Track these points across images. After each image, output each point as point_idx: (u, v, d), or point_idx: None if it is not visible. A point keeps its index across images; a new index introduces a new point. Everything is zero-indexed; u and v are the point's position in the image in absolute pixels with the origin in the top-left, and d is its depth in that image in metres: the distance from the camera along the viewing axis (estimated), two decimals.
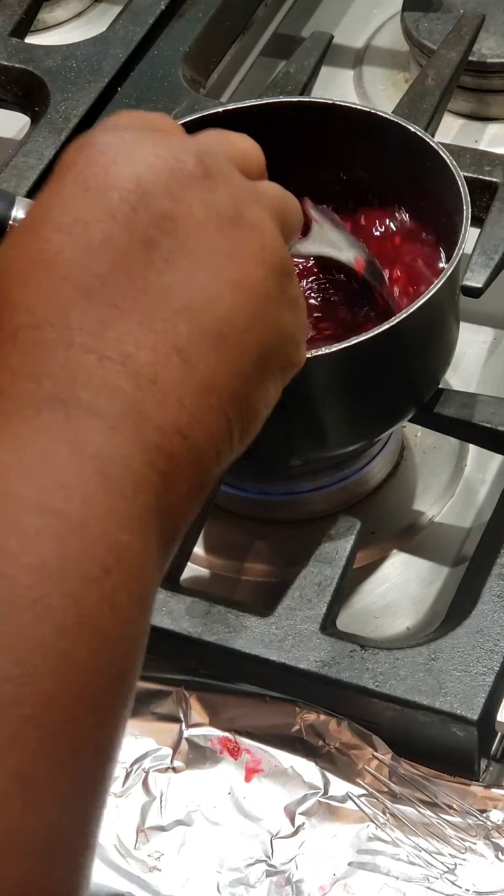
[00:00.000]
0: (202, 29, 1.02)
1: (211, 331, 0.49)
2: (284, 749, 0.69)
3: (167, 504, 0.46)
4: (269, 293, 0.51)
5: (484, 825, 0.66)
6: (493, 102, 1.04)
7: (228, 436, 0.50)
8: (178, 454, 0.47)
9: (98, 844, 0.66)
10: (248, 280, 0.51)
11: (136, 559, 0.44)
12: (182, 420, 0.47)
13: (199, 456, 0.48)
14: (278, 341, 0.52)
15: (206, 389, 0.48)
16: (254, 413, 0.52)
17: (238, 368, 0.50)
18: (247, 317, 0.50)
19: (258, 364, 0.51)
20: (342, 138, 0.80)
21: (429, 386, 0.76)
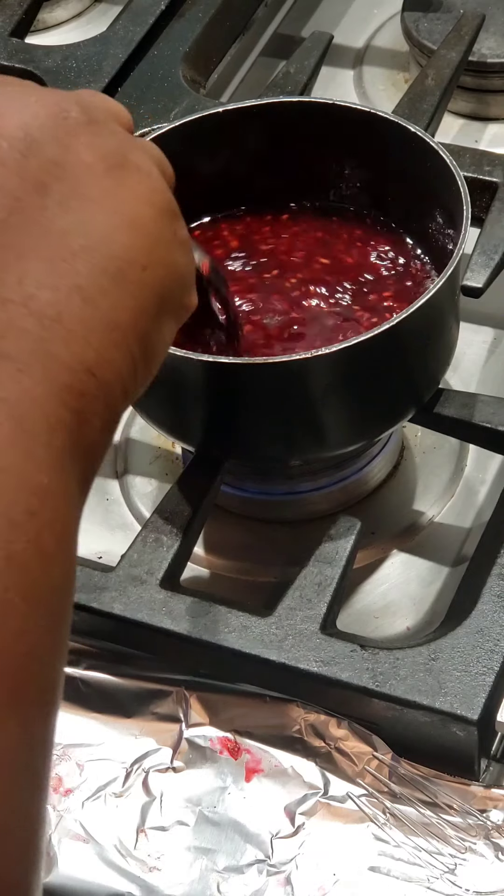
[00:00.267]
0: (202, 29, 1.02)
1: (110, 268, 0.49)
2: (284, 749, 0.69)
3: (81, 443, 0.46)
4: (161, 233, 0.53)
5: (484, 825, 0.66)
6: (493, 102, 1.04)
7: (133, 373, 0.50)
8: (88, 392, 0.47)
9: (98, 845, 0.67)
10: (142, 220, 0.52)
11: (58, 500, 0.44)
12: (89, 358, 0.47)
13: (108, 393, 0.48)
14: (174, 281, 0.53)
15: (109, 326, 0.49)
16: (154, 352, 0.52)
17: (140, 305, 0.50)
18: (144, 255, 0.51)
19: (157, 303, 0.52)
20: (342, 138, 0.80)
21: (429, 386, 0.76)
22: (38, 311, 0.46)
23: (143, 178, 0.53)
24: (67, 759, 0.70)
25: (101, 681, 0.72)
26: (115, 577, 0.72)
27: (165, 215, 0.53)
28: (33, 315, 0.46)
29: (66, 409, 0.46)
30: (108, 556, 0.81)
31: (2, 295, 0.46)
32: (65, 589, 0.44)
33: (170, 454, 0.87)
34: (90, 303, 0.48)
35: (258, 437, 0.75)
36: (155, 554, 0.73)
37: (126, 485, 0.86)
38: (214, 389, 0.72)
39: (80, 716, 0.71)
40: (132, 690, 0.71)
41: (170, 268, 0.53)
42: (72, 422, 0.46)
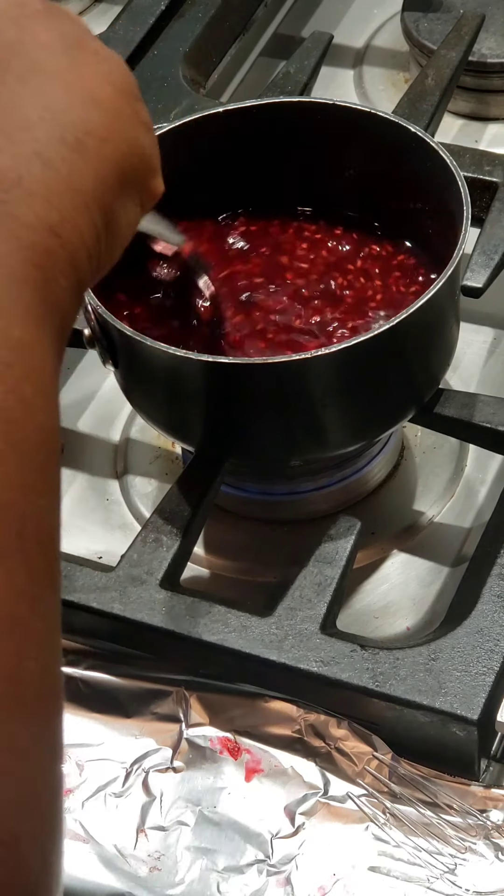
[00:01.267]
0: (202, 29, 1.02)
1: (69, 138, 0.50)
2: (284, 749, 0.69)
3: (50, 299, 0.47)
4: (121, 109, 0.53)
5: (484, 825, 0.66)
6: (493, 102, 1.04)
7: (97, 242, 0.51)
8: (52, 250, 0.48)
9: (98, 844, 0.67)
10: (100, 95, 0.52)
11: (33, 352, 0.45)
12: (52, 218, 0.48)
13: (72, 253, 0.49)
14: (137, 159, 0.54)
15: (71, 191, 0.49)
16: (118, 228, 0.53)
17: (100, 175, 0.51)
18: (103, 128, 0.52)
19: (119, 176, 0.52)
20: (342, 138, 0.80)
21: (429, 386, 0.76)
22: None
23: (102, 60, 0.54)
24: (67, 759, 0.70)
25: (101, 681, 0.72)
26: (115, 577, 0.72)
27: (125, 94, 0.54)
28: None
29: (32, 266, 0.46)
30: (108, 556, 0.81)
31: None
32: (52, 434, 0.46)
33: (170, 454, 0.87)
34: (50, 167, 0.49)
35: (258, 438, 0.75)
36: (155, 554, 0.73)
37: (126, 485, 0.86)
38: (214, 389, 0.72)
39: (80, 716, 0.71)
40: (132, 690, 0.71)
41: (131, 144, 0.53)
42: (38, 278, 0.47)
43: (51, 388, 0.46)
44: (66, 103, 0.51)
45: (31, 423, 0.44)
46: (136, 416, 0.87)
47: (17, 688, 0.40)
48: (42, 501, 0.44)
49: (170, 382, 0.73)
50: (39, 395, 0.45)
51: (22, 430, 0.43)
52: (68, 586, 0.72)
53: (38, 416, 0.44)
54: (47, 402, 0.45)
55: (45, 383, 0.45)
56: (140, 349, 0.71)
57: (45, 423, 0.45)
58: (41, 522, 0.44)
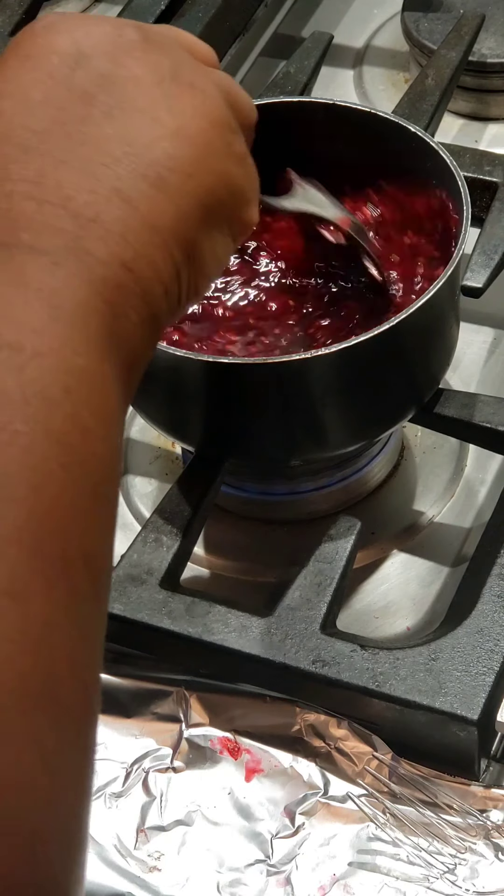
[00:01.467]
0: (202, 29, 1.02)
1: (151, 174, 0.50)
2: (284, 749, 0.69)
3: (118, 332, 0.47)
4: (211, 143, 0.53)
5: (484, 825, 0.66)
6: (493, 102, 1.04)
7: (176, 277, 0.51)
8: (124, 285, 0.48)
9: (98, 844, 0.67)
10: (189, 129, 0.52)
11: (95, 380, 0.45)
12: (126, 254, 0.48)
13: (146, 289, 0.49)
14: (226, 192, 0.53)
15: (148, 228, 0.49)
16: (202, 262, 0.53)
17: (182, 212, 0.51)
18: (189, 163, 0.51)
19: (203, 211, 0.52)
20: (342, 138, 0.80)
21: (429, 386, 0.76)
22: (76, 212, 0.47)
23: (197, 93, 0.53)
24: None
25: (102, 681, 0.72)
26: (115, 577, 0.72)
27: (217, 128, 0.53)
28: (70, 215, 0.47)
29: (101, 300, 0.47)
30: None
31: (40, 197, 0.47)
32: (109, 462, 0.45)
33: (170, 454, 0.87)
34: (129, 205, 0.49)
35: (258, 437, 0.75)
36: (155, 554, 0.73)
37: (126, 485, 0.86)
38: (214, 389, 0.72)
39: None
40: (132, 690, 0.71)
41: (219, 178, 0.53)
42: (107, 312, 0.47)
43: (112, 418, 0.46)
44: (151, 139, 0.50)
45: (86, 449, 0.44)
46: (136, 416, 0.87)
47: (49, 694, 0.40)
48: (91, 525, 0.44)
49: (170, 382, 0.73)
50: (99, 423, 0.45)
51: (76, 454, 0.43)
52: None
53: (95, 444, 0.44)
54: (107, 430, 0.45)
55: (107, 412, 0.46)
56: None
57: (101, 452, 0.45)
58: (87, 544, 0.43)
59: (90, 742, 0.43)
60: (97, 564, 0.44)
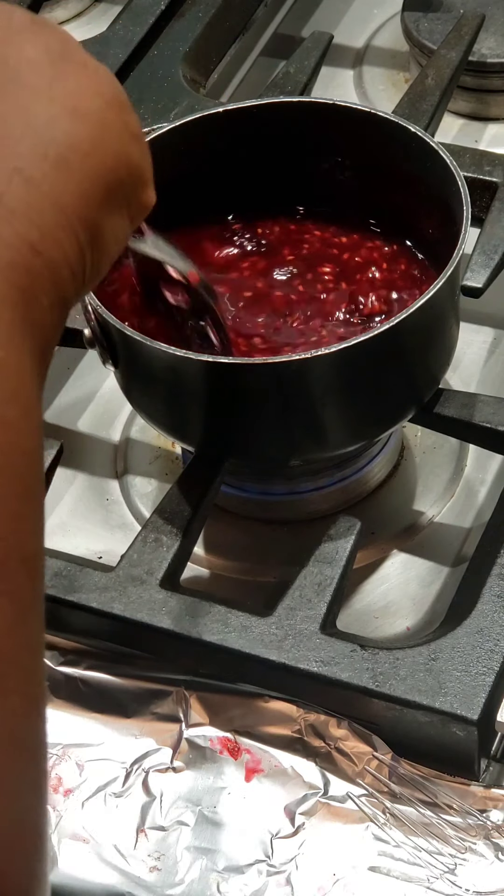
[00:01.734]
0: (202, 29, 1.02)
1: (51, 153, 0.49)
2: (284, 749, 0.69)
3: (31, 319, 0.46)
4: (108, 122, 0.52)
5: (484, 825, 0.66)
6: (493, 102, 1.04)
7: (81, 258, 0.50)
8: (33, 269, 0.47)
9: (98, 844, 0.66)
10: (86, 108, 0.51)
11: (15, 374, 0.44)
12: (33, 235, 0.47)
13: (54, 272, 0.48)
14: (124, 171, 0.53)
15: (53, 207, 0.48)
16: (104, 243, 0.52)
17: (84, 190, 0.50)
18: (88, 142, 0.51)
19: (104, 190, 0.51)
20: (342, 138, 0.80)
21: (429, 386, 0.76)
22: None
23: (90, 72, 0.52)
24: (67, 759, 0.70)
25: (101, 681, 0.72)
26: (115, 577, 0.72)
27: (114, 106, 0.53)
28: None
29: (12, 287, 0.46)
30: (108, 556, 0.81)
31: None
32: (36, 457, 0.44)
33: (170, 454, 0.87)
34: (32, 184, 0.48)
35: (258, 438, 0.75)
36: (155, 554, 0.73)
37: (126, 485, 0.86)
38: (214, 389, 0.72)
39: (80, 716, 0.71)
40: (132, 690, 0.71)
41: (119, 157, 0.52)
42: (18, 298, 0.46)
43: (34, 411, 0.45)
44: (50, 118, 0.50)
45: (14, 448, 0.43)
46: (136, 416, 0.87)
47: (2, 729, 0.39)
48: (27, 527, 0.43)
49: (170, 382, 0.73)
50: (23, 418, 0.44)
51: (5, 455, 0.42)
52: (68, 586, 0.72)
53: (22, 441, 0.43)
54: (31, 425, 0.44)
55: (29, 406, 0.44)
56: (140, 349, 0.71)
57: (29, 447, 0.44)
58: (26, 549, 0.42)
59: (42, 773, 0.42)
60: (35, 568, 0.43)
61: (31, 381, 0.45)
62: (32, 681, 0.41)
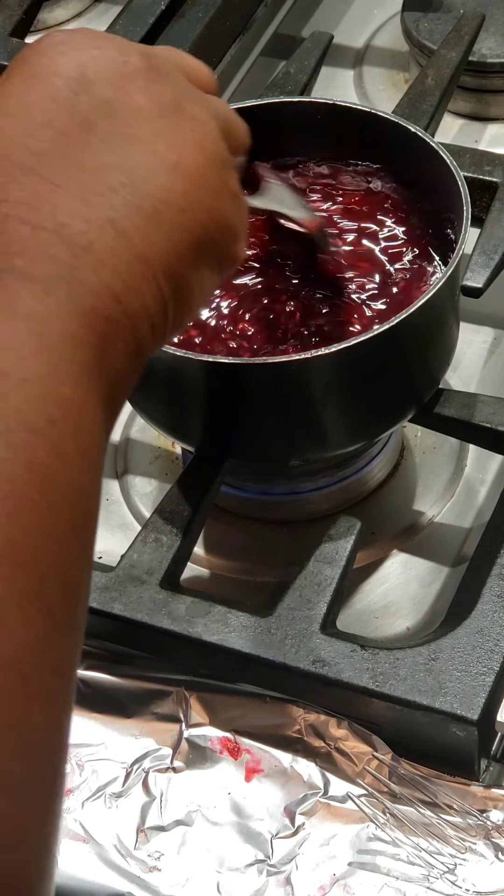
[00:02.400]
0: (202, 29, 1.02)
1: (146, 207, 0.50)
2: (284, 749, 0.69)
3: (105, 364, 0.47)
4: (207, 179, 0.53)
5: (484, 825, 0.66)
6: (493, 102, 1.04)
7: (163, 310, 0.51)
8: (113, 317, 0.48)
9: (98, 844, 0.67)
10: (186, 163, 0.52)
11: (80, 412, 0.45)
12: (116, 286, 0.48)
13: (134, 321, 0.49)
14: (217, 228, 0.54)
15: (140, 260, 0.49)
16: (189, 295, 0.53)
17: (173, 246, 0.51)
18: (183, 198, 0.51)
19: (194, 246, 0.52)
20: (342, 138, 0.80)
21: (429, 386, 0.76)
22: (69, 240, 0.47)
23: (196, 126, 0.53)
24: (67, 759, 0.70)
25: (101, 681, 0.72)
26: (115, 577, 0.72)
27: (213, 163, 0.53)
28: (64, 243, 0.47)
29: (90, 331, 0.47)
30: (108, 556, 0.81)
31: (35, 222, 0.47)
32: (89, 493, 0.45)
33: (170, 454, 0.87)
34: (123, 236, 0.49)
35: (258, 438, 0.75)
36: (155, 554, 0.73)
37: (126, 485, 0.86)
38: (214, 389, 0.72)
39: (80, 716, 0.71)
40: (132, 690, 0.71)
41: (212, 214, 0.53)
42: (96, 343, 0.47)
43: (95, 449, 0.46)
44: (149, 171, 0.51)
45: (68, 480, 0.44)
46: (136, 416, 0.87)
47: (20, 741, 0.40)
48: (70, 555, 0.44)
49: (170, 382, 0.73)
50: (81, 455, 0.45)
51: (58, 485, 0.43)
52: None
53: (77, 476, 0.44)
54: (89, 462, 0.45)
55: (90, 444, 0.46)
56: None
57: (82, 483, 0.45)
58: (67, 575, 0.43)
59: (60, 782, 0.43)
60: (74, 595, 0.44)
61: (96, 422, 0.46)
62: (55, 699, 0.42)
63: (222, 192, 0.54)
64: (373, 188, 0.81)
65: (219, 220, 0.53)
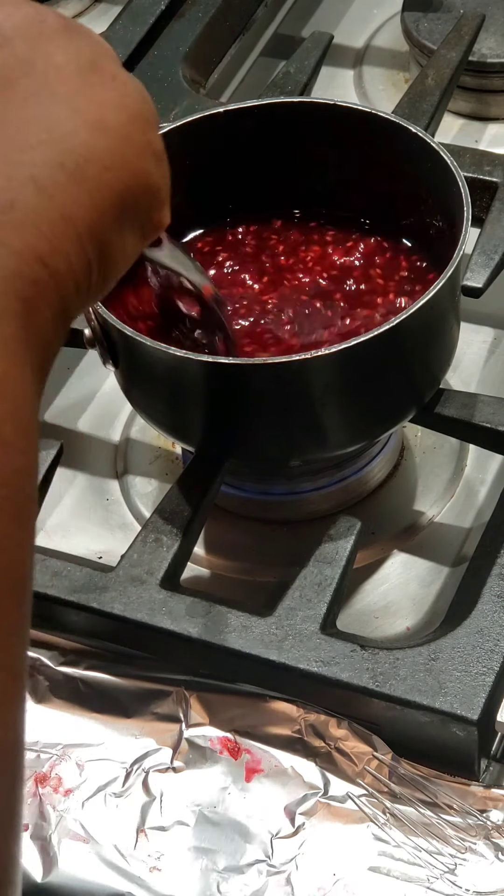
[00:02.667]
0: (202, 29, 1.02)
1: (68, 163, 0.48)
2: (284, 749, 0.69)
3: (33, 331, 0.46)
4: (131, 137, 0.51)
5: (484, 825, 0.66)
6: (493, 102, 1.04)
7: (87, 272, 0.49)
8: (39, 280, 0.46)
9: (98, 844, 0.66)
10: (109, 121, 0.51)
11: (15, 388, 0.43)
12: (41, 247, 0.46)
13: (59, 284, 0.47)
14: (141, 190, 0.52)
15: (63, 219, 0.48)
16: (112, 258, 0.51)
17: (97, 205, 0.49)
18: (107, 156, 0.50)
19: (118, 206, 0.51)
20: (342, 138, 0.80)
21: (429, 386, 0.76)
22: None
23: (118, 84, 0.52)
24: (67, 759, 0.70)
25: (101, 681, 0.72)
26: (115, 577, 0.72)
27: (138, 122, 0.52)
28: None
29: (16, 297, 0.45)
30: (108, 556, 0.81)
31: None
32: (28, 474, 0.43)
33: (170, 454, 0.87)
34: (45, 193, 0.47)
35: (258, 438, 0.75)
36: (155, 554, 0.73)
37: (126, 485, 0.86)
38: (214, 389, 0.72)
39: (80, 716, 0.71)
40: (132, 690, 0.71)
41: (137, 174, 0.51)
42: (22, 310, 0.45)
43: (31, 427, 0.44)
44: (71, 128, 0.49)
45: (9, 465, 0.42)
46: (136, 416, 0.87)
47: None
48: (15, 549, 0.42)
49: (170, 382, 0.73)
50: (20, 434, 0.43)
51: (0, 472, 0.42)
52: (68, 586, 0.72)
53: (18, 458, 0.42)
54: (28, 441, 0.43)
55: (27, 422, 0.43)
56: (140, 349, 0.71)
57: (23, 465, 0.43)
58: (13, 571, 0.41)
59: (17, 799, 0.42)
60: (20, 588, 0.42)
61: (30, 396, 0.44)
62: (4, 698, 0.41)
63: (146, 151, 0.52)
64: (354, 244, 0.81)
65: (143, 180, 0.52)
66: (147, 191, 0.52)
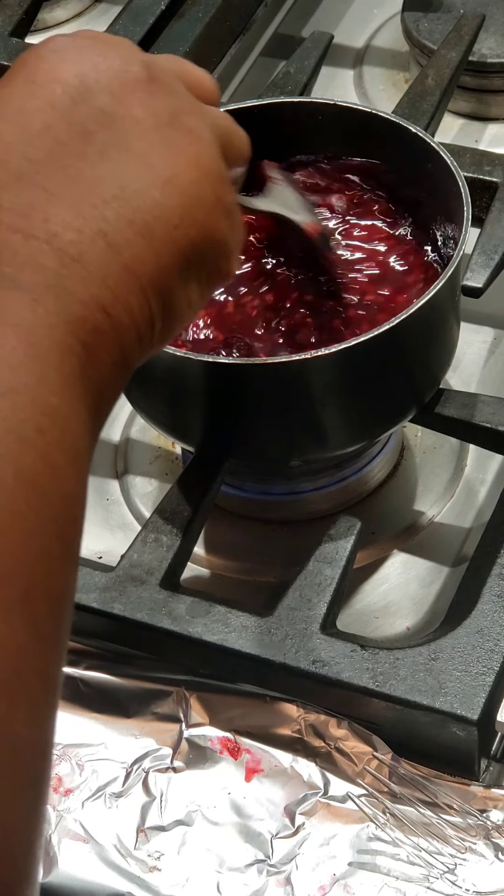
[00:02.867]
0: (202, 29, 1.02)
1: (138, 221, 0.50)
2: (284, 749, 0.69)
3: (92, 375, 0.48)
4: (201, 195, 0.53)
5: (484, 825, 0.66)
6: (493, 102, 1.04)
7: (150, 323, 0.51)
8: (100, 328, 0.48)
9: (98, 844, 0.67)
10: (181, 179, 0.52)
11: (68, 421, 0.46)
12: (105, 298, 0.48)
13: (120, 333, 0.49)
14: (209, 245, 0.54)
15: (129, 273, 0.50)
16: (176, 309, 0.53)
17: (163, 261, 0.51)
18: (176, 213, 0.52)
19: (184, 262, 0.52)
20: (342, 138, 0.80)
21: (429, 386, 0.76)
22: (60, 249, 0.48)
23: (193, 140, 0.53)
24: (67, 759, 0.70)
25: (101, 681, 0.72)
26: (115, 577, 0.72)
27: (208, 178, 0.53)
28: (54, 252, 0.47)
29: (77, 341, 0.47)
30: (108, 556, 0.81)
31: (27, 231, 0.47)
32: (75, 500, 0.46)
33: (170, 454, 0.87)
34: (113, 249, 0.49)
35: (258, 438, 0.75)
36: (155, 554, 0.73)
37: (126, 485, 0.86)
38: (214, 389, 0.72)
39: (80, 716, 0.71)
40: (132, 690, 0.71)
41: (205, 230, 0.53)
42: (82, 353, 0.47)
43: (82, 459, 0.46)
44: (143, 185, 0.51)
45: (56, 489, 0.44)
46: (136, 416, 0.87)
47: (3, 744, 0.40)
48: (56, 565, 0.44)
49: (170, 382, 0.73)
50: (69, 464, 0.45)
51: (46, 495, 0.43)
52: None
53: (65, 484, 0.45)
54: (77, 471, 0.46)
55: (77, 453, 0.46)
56: None
57: (70, 492, 0.45)
58: (52, 585, 0.43)
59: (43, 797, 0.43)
60: (60, 604, 0.44)
61: (83, 431, 0.47)
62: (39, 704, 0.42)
63: (216, 208, 0.53)
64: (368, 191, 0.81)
65: (210, 236, 0.53)
66: (214, 245, 0.54)
